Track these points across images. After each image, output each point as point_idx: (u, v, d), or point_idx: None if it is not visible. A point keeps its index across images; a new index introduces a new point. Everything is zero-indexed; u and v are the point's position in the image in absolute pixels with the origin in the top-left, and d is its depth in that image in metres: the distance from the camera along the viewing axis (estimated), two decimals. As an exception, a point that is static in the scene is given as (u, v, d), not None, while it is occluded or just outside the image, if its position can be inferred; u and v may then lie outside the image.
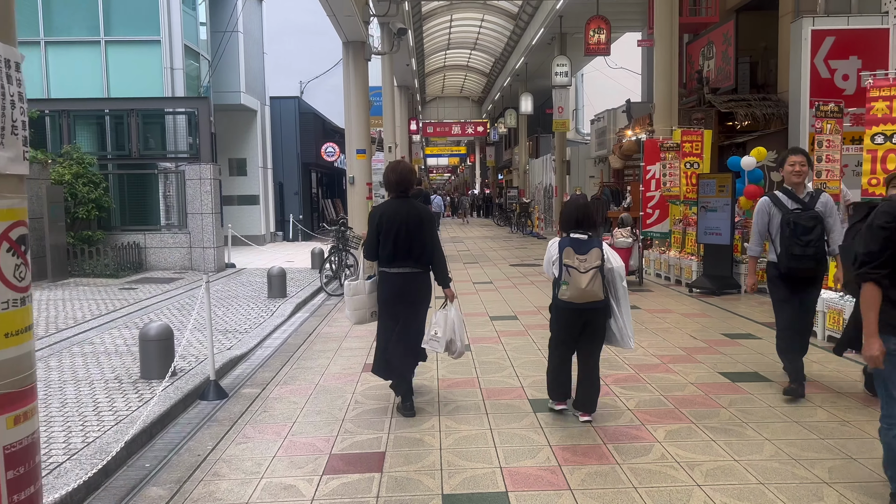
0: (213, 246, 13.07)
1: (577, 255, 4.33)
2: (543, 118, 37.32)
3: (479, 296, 10.01)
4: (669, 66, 12.92)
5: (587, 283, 4.28)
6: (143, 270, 13.09)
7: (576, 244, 4.38)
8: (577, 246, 4.37)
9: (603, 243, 4.49)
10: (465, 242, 21.42)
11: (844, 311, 6.33)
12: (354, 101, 12.26)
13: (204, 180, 12.97)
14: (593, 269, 4.30)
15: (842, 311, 6.40)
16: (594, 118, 22.22)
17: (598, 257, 4.34)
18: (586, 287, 4.28)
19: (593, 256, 4.33)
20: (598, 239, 4.52)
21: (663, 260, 11.62)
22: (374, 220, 4.78)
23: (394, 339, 4.81)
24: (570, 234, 4.48)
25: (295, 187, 23.01)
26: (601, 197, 17.61)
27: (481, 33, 30.93)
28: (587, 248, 4.36)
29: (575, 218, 4.50)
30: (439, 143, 60.74)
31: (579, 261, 4.32)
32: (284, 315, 8.62)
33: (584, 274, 4.29)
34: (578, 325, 4.47)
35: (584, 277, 4.28)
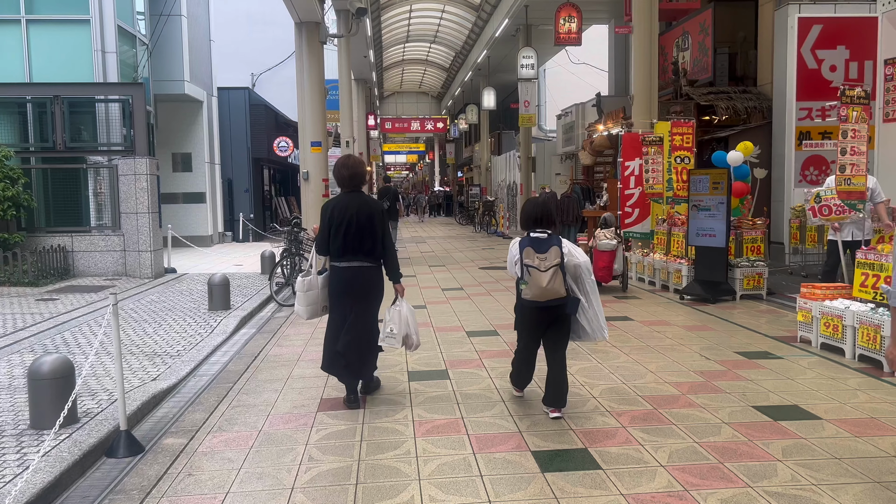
0: (150, 249, 11.70)
1: (536, 255, 4.39)
2: (505, 114, 36.46)
3: (452, 305, 8.93)
4: (649, 56, 12.05)
5: (547, 281, 4.32)
6: (69, 277, 11.65)
7: (535, 243, 4.44)
8: (537, 245, 4.43)
9: (563, 241, 4.50)
10: (429, 243, 20.32)
11: (883, 326, 5.44)
12: (308, 89, 11.06)
13: (139, 176, 11.60)
14: (553, 266, 4.35)
15: (879, 327, 5.51)
16: (561, 113, 21.36)
17: (558, 255, 4.39)
18: (546, 286, 4.33)
19: (553, 255, 4.38)
20: (558, 237, 4.53)
21: (647, 263, 10.73)
22: (325, 214, 4.84)
23: (350, 339, 4.80)
24: (530, 233, 4.54)
25: (245, 184, 21.58)
26: (572, 195, 16.72)
27: (442, 25, 29.84)
28: (546, 247, 4.41)
29: (534, 216, 4.56)
30: (397, 139, 59.57)
31: (539, 260, 4.37)
32: (226, 332, 7.41)
33: (545, 273, 4.33)
34: (543, 324, 4.56)
35: (544, 276, 4.33)
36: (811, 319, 6.34)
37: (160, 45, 16.80)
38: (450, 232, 25.96)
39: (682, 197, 9.95)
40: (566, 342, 4.61)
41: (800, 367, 5.67)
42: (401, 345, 4.90)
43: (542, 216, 4.57)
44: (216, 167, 20.12)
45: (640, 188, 11.76)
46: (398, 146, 61.73)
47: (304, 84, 11.05)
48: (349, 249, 4.76)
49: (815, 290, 6.40)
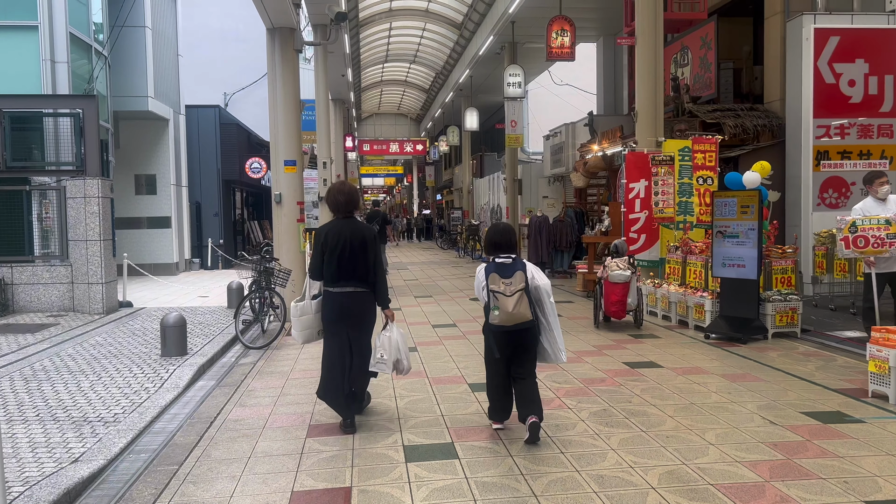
0: (102, 281, 10.37)
1: (502, 280, 4.47)
2: (488, 136, 35.60)
3: (446, 347, 7.74)
4: (654, 69, 11.09)
5: (513, 305, 4.41)
6: (6, 314, 10.26)
7: (500, 269, 4.53)
8: (502, 270, 4.51)
9: (527, 264, 4.58)
10: (411, 269, 19.13)
11: None
12: (282, 102, 9.90)
13: (90, 199, 10.30)
14: (518, 291, 4.44)
15: None
16: (549, 133, 20.42)
17: (523, 280, 4.48)
18: (513, 310, 4.41)
19: (518, 279, 4.47)
20: (522, 261, 4.59)
21: (661, 295, 9.65)
22: (319, 240, 4.89)
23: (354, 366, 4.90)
24: (494, 258, 4.61)
25: (214, 208, 20.25)
26: (565, 219, 15.70)
27: (422, 44, 28.93)
28: (511, 272, 4.49)
29: (498, 242, 4.65)
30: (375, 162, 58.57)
31: (504, 285, 4.45)
32: (179, 386, 6.14)
33: (510, 297, 4.42)
34: (510, 347, 4.58)
35: (510, 301, 4.41)
36: (888, 370, 5.26)
37: (122, 58, 15.57)
38: (432, 257, 24.80)
39: (705, 223, 8.91)
40: (534, 364, 4.69)
41: (891, 434, 4.57)
42: (391, 370, 4.93)
43: (506, 242, 4.65)
44: (183, 189, 18.80)
45: (646, 212, 10.74)
46: (376, 168, 60.71)
47: (276, 97, 9.89)
48: (343, 275, 4.83)
49: (890, 336, 5.33)
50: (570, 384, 6.03)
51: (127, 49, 15.64)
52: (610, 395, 5.63)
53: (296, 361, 7.25)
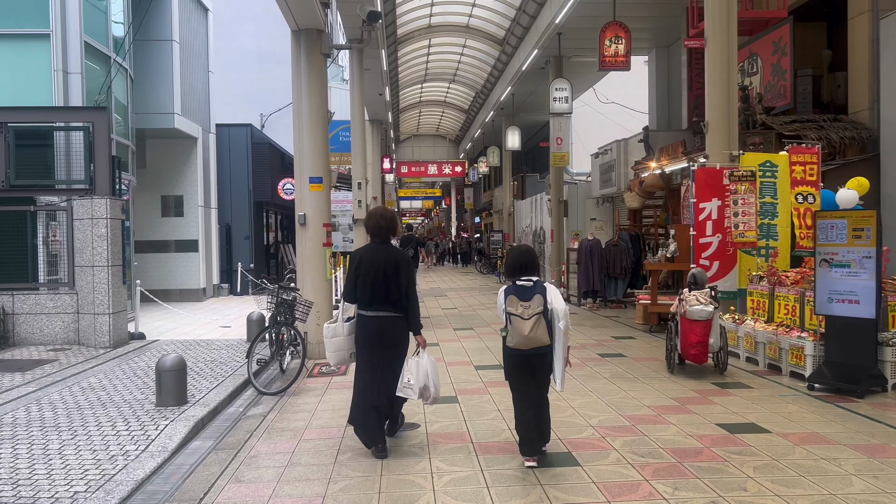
0: (109, 312, 9.37)
1: (520, 303, 4.45)
2: (529, 156, 34.40)
3: (493, 398, 6.45)
4: (727, 74, 9.78)
5: (530, 329, 4.37)
6: (7, 347, 9.31)
7: (520, 291, 4.50)
8: (521, 293, 4.49)
9: (547, 288, 4.52)
10: (449, 296, 17.90)
11: None
12: (307, 112, 8.83)
13: (97, 220, 9.35)
14: (536, 315, 4.40)
15: None
16: (598, 151, 19.09)
17: (541, 303, 4.43)
18: (529, 333, 4.38)
19: (536, 303, 4.43)
20: (542, 285, 4.53)
21: (743, 333, 8.22)
22: (353, 263, 4.93)
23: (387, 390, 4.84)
24: (515, 281, 4.58)
25: (245, 230, 19.37)
26: (619, 243, 14.31)
27: (462, 62, 27.95)
28: (530, 295, 4.46)
29: (519, 264, 4.63)
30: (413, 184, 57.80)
31: (523, 308, 4.42)
32: (167, 449, 4.97)
33: (527, 321, 4.38)
34: (529, 370, 4.55)
35: (526, 324, 4.38)
36: None
37: (147, 73, 14.82)
38: (471, 282, 23.53)
39: (806, 249, 7.51)
40: (547, 388, 4.67)
41: None
42: (417, 396, 4.82)
43: (527, 264, 4.63)
44: (212, 211, 17.95)
45: (718, 235, 9.37)
46: (414, 191, 59.89)
47: (301, 106, 8.83)
48: (376, 299, 4.83)
49: None
50: (658, 458, 4.69)
51: (152, 63, 14.89)
52: (715, 478, 4.28)
53: (313, 414, 6.06)
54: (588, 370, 7.73)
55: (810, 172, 7.93)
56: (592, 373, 7.58)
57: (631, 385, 6.93)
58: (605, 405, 6.13)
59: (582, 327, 11.33)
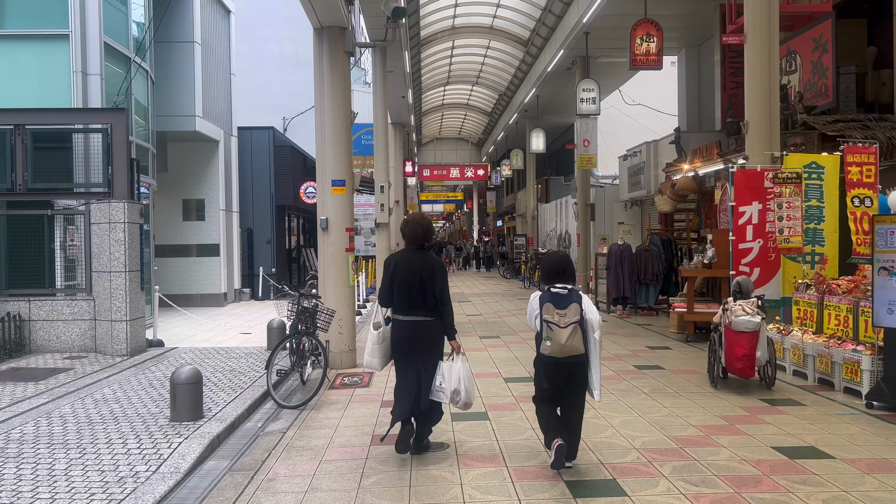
0: (126, 318, 9.12)
1: (556, 311, 4.40)
2: (553, 159, 33.93)
3: (526, 413, 6.05)
4: (768, 71, 9.28)
5: (567, 338, 4.35)
6: (22, 354, 9.10)
7: (555, 299, 4.45)
8: (557, 301, 4.44)
9: (583, 296, 4.48)
10: (473, 302, 17.50)
11: None
12: (330, 112, 8.51)
13: (115, 224, 9.10)
14: (573, 323, 4.37)
15: None
16: (626, 153, 18.62)
17: (577, 312, 4.40)
18: (566, 342, 4.35)
19: (572, 311, 4.40)
20: (578, 293, 4.51)
21: (790, 345, 7.74)
22: (388, 268, 5.02)
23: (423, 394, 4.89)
24: (550, 288, 4.52)
25: (267, 235, 19.15)
26: (650, 248, 13.83)
27: (485, 64, 27.57)
28: (567, 303, 4.42)
29: (555, 271, 4.59)
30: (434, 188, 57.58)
31: (559, 316, 4.38)
32: (179, 471, 4.64)
33: (564, 329, 4.36)
34: (562, 379, 4.51)
35: (563, 332, 4.36)
36: None
37: (167, 74, 14.64)
38: (495, 287, 23.11)
39: (863, 255, 7.02)
40: (583, 399, 4.61)
41: None
42: (448, 400, 4.87)
43: (564, 270, 4.58)
44: (234, 215, 17.75)
45: (759, 241, 8.88)
46: (436, 195, 59.61)
47: (323, 107, 8.52)
48: (413, 304, 4.89)
49: None
50: (713, 487, 4.26)
51: (173, 65, 14.71)
52: (779, 512, 3.86)
53: (335, 431, 5.70)
54: (625, 384, 7.30)
55: (867, 174, 7.44)
56: (630, 387, 7.15)
57: (673, 401, 6.49)
58: (647, 424, 5.70)
59: (614, 336, 10.88)
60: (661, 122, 28.33)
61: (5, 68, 10.17)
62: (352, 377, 7.95)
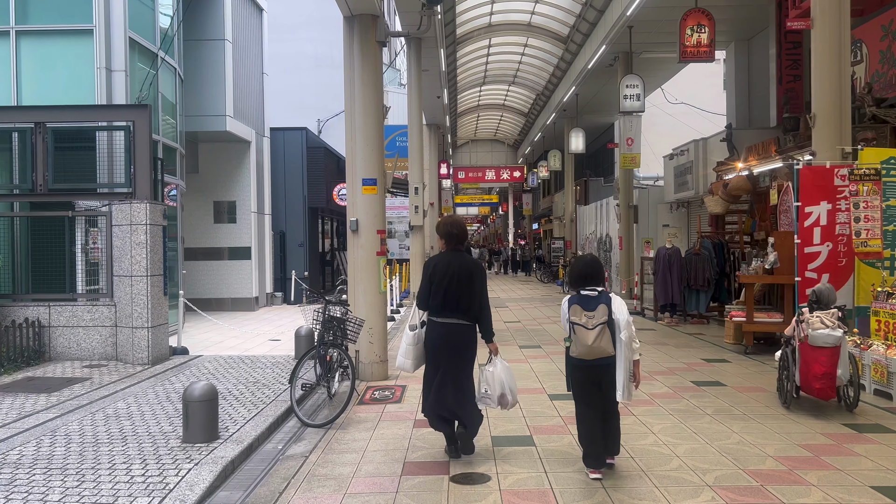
0: (147, 325, 8.67)
1: (584, 312, 4.40)
2: (592, 160, 33.03)
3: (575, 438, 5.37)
4: (838, 59, 8.47)
5: (594, 339, 4.33)
6: (41, 362, 8.71)
7: (584, 301, 4.46)
8: (585, 303, 4.44)
9: (612, 298, 4.47)
10: (510, 307, 16.82)
11: None
12: (360, 106, 7.95)
13: (136, 226, 8.67)
14: (600, 325, 4.35)
15: None
16: (673, 152, 17.74)
17: (606, 313, 4.39)
18: (593, 343, 4.33)
19: (600, 312, 4.38)
20: (607, 295, 4.50)
21: (871, 361, 6.91)
22: (427, 270, 4.99)
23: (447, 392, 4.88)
24: (579, 290, 4.54)
25: (300, 237, 18.74)
26: (701, 252, 12.99)
27: (523, 62, 26.89)
28: (595, 305, 4.41)
29: (583, 275, 4.58)
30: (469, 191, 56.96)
31: (587, 317, 4.38)
32: (185, 502, 4.09)
33: (591, 331, 4.34)
34: (590, 381, 4.51)
35: (590, 334, 4.34)
36: None
37: (197, 73, 14.29)
38: (532, 292, 22.38)
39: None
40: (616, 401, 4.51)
41: None
42: (496, 405, 4.86)
43: (593, 274, 4.57)
44: (266, 218, 17.36)
45: (828, 244, 8.09)
46: (470, 198, 58.97)
47: (353, 99, 7.97)
48: (448, 307, 4.87)
49: None
50: (812, 541, 3.55)
51: (203, 64, 14.36)
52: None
53: (362, 456, 5.10)
54: (685, 403, 6.57)
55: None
56: (691, 407, 6.42)
57: (743, 425, 5.76)
58: (717, 454, 4.98)
59: (664, 346, 10.12)
60: (706, 121, 27.30)
61: (28, 65, 9.85)
62: (382, 391, 7.36)
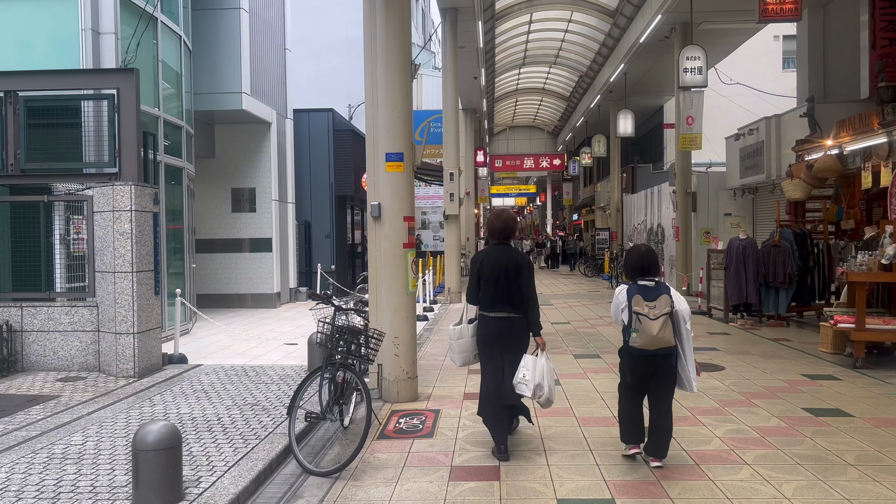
0: (133, 331, 7.29)
1: (646, 303, 4.37)
2: (638, 146, 31.07)
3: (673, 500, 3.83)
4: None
5: (658, 329, 4.30)
6: (12, 373, 7.40)
7: (644, 291, 4.42)
8: (646, 293, 4.41)
9: (671, 289, 4.44)
10: (556, 305, 15.18)
11: None
12: (383, 63, 6.42)
13: (119, 213, 7.29)
14: (664, 315, 4.33)
15: None
16: (739, 132, 15.85)
17: (668, 303, 4.36)
18: (658, 334, 4.31)
19: (663, 303, 4.36)
20: (666, 285, 4.47)
21: None
22: (475, 265, 4.95)
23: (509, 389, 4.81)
24: (636, 281, 4.50)
25: (326, 228, 17.34)
26: (780, 243, 11.20)
27: (566, 40, 25.06)
28: (656, 295, 4.39)
29: (640, 266, 4.54)
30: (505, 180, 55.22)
31: (649, 308, 4.35)
32: None
33: (655, 321, 4.31)
34: (649, 371, 4.46)
35: (654, 324, 4.31)
36: None
37: (209, 45, 12.92)
38: (578, 288, 20.66)
39: None
40: (672, 391, 4.52)
41: None
42: (530, 394, 4.70)
43: (648, 265, 4.53)
44: (289, 206, 16.00)
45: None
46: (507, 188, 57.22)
47: (375, 56, 6.45)
48: (498, 300, 4.84)
49: None
50: None
51: (215, 34, 12.97)
52: None
53: (378, 534, 3.59)
54: (810, 445, 4.91)
55: None
56: (821, 452, 4.76)
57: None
58: None
59: (748, 357, 8.41)
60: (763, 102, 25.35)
61: (9, 27, 8.51)
62: (411, 417, 5.85)
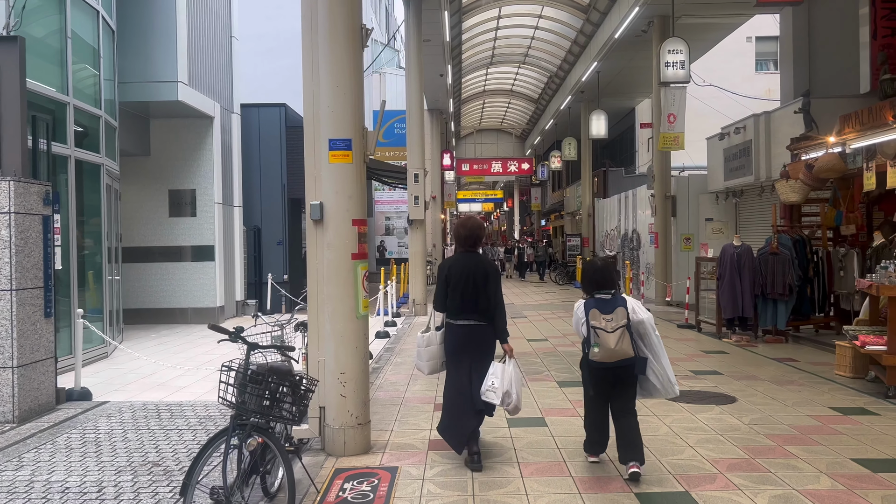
0: (12, 364, 5.79)
1: (602, 316, 4.42)
2: (609, 150, 30.13)
3: None
4: None
5: (615, 342, 4.34)
6: None
7: (600, 304, 4.47)
8: (602, 306, 4.46)
9: (627, 300, 4.50)
10: (529, 317, 13.93)
11: None
12: (326, 29, 5.08)
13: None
14: (620, 327, 4.37)
15: None
16: (723, 131, 14.83)
17: (624, 315, 4.40)
18: (615, 346, 4.34)
19: (619, 315, 4.40)
20: (622, 297, 4.53)
21: None
22: (442, 273, 4.89)
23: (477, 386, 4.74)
24: (594, 295, 4.56)
25: (278, 235, 15.85)
26: (779, 250, 10.11)
27: (536, 37, 23.96)
28: (612, 308, 4.44)
29: (597, 280, 4.60)
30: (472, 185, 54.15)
31: (605, 321, 4.39)
32: None
33: (612, 333, 4.35)
34: (610, 382, 4.50)
35: (611, 337, 4.35)
36: None
37: (138, 28, 11.41)
38: (550, 297, 19.47)
39: None
40: (634, 401, 4.52)
41: None
42: (499, 401, 4.63)
43: (604, 280, 4.59)
44: (235, 210, 14.49)
45: None
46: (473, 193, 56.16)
47: (317, 18, 5.10)
48: (466, 308, 4.80)
49: None
50: None
51: (146, 16, 11.47)
52: None
53: None
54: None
55: None
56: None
57: None
58: None
59: (757, 383, 7.22)
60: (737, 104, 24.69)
61: None
62: (359, 481, 4.49)
